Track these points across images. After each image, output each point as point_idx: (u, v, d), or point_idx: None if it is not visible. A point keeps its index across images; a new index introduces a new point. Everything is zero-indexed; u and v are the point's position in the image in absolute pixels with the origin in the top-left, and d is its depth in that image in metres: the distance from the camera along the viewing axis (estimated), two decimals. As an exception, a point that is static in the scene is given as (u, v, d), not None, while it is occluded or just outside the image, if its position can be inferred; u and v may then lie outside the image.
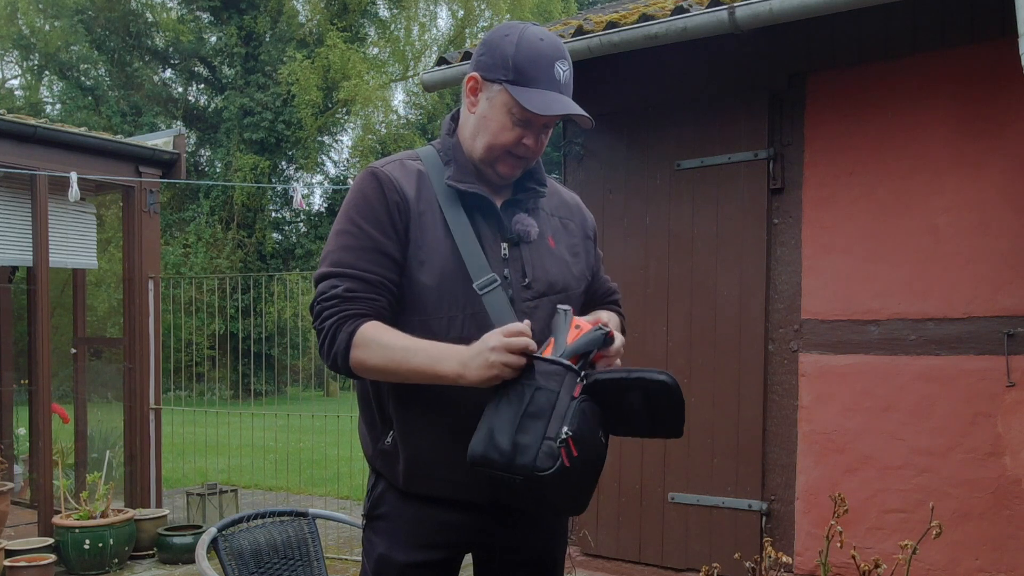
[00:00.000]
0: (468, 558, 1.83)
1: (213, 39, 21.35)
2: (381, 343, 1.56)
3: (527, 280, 1.68)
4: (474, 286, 1.60)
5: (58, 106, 20.97)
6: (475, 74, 1.67)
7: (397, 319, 1.64)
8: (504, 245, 1.68)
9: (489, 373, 1.49)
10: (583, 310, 1.84)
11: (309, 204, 20.87)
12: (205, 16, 21.23)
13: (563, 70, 1.64)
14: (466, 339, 1.58)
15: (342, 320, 1.59)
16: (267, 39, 20.43)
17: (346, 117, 21.76)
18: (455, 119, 1.76)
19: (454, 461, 1.63)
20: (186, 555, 5.09)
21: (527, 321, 1.55)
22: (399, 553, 1.70)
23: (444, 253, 1.63)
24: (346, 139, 23.10)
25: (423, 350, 1.55)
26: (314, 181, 22.41)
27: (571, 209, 1.86)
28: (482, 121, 1.66)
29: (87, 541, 4.85)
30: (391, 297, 1.63)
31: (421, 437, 1.66)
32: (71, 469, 6.08)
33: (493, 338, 1.50)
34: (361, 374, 1.61)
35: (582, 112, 1.63)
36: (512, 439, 1.47)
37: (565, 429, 1.47)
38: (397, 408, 1.66)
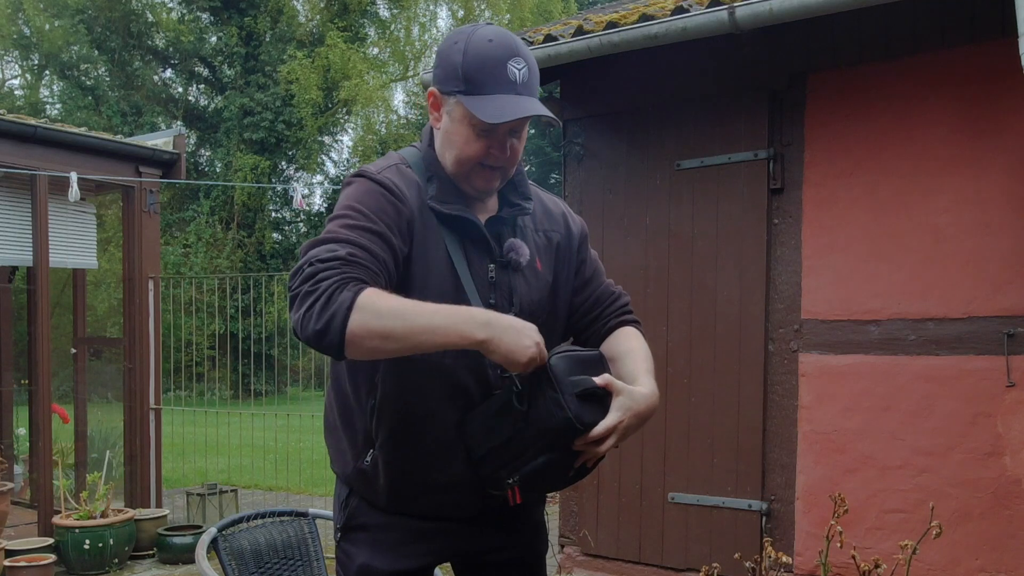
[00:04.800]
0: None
1: (213, 39, 21.34)
2: (391, 305, 1.38)
3: (513, 310, 1.61)
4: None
5: (58, 106, 20.97)
6: (433, 88, 1.59)
7: None
8: (492, 267, 1.61)
9: (524, 350, 1.42)
10: (592, 322, 1.79)
11: (309, 204, 20.85)
12: (205, 16, 21.21)
13: (518, 69, 1.52)
14: (459, 364, 1.55)
15: (344, 281, 1.39)
16: (267, 39, 20.41)
17: (346, 117, 21.76)
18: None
19: (438, 483, 1.61)
20: (186, 555, 5.08)
21: None
22: (381, 562, 1.66)
23: (442, 273, 1.56)
24: (346, 139, 23.12)
25: (441, 310, 1.40)
26: (314, 181, 22.41)
27: (555, 219, 1.76)
28: (447, 136, 1.58)
29: (87, 541, 4.85)
30: (392, 284, 1.49)
31: (405, 461, 1.60)
32: (71, 469, 6.08)
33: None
34: (357, 341, 1.37)
35: (543, 112, 1.52)
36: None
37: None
38: (382, 431, 1.59)
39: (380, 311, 1.37)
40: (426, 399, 1.56)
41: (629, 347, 1.73)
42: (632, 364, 1.67)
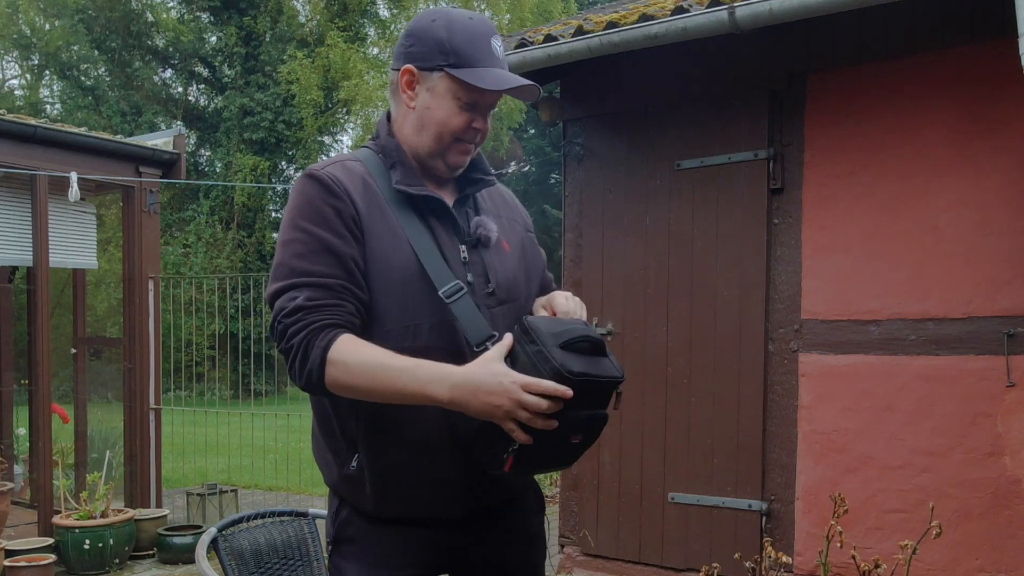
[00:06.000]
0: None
1: (213, 39, 21.34)
2: (360, 360, 1.44)
3: (491, 287, 1.60)
4: (440, 293, 1.50)
5: (58, 106, 20.97)
6: (409, 67, 1.58)
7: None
8: (463, 247, 1.60)
9: (495, 411, 1.39)
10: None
11: (309, 204, 20.79)
12: (205, 16, 21.21)
13: (498, 45, 1.59)
14: (432, 348, 1.50)
15: (312, 334, 1.45)
16: (267, 39, 20.41)
17: (346, 117, 21.75)
18: (391, 118, 1.67)
19: (424, 478, 1.58)
20: (186, 555, 5.08)
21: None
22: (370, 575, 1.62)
23: (403, 260, 1.53)
24: (346, 139, 23.09)
25: (408, 370, 1.43)
26: (314, 181, 22.36)
27: (511, 207, 1.80)
28: (426, 113, 1.58)
29: (87, 541, 4.85)
30: (357, 302, 1.50)
31: (389, 457, 1.57)
32: (71, 469, 6.07)
33: (515, 386, 1.37)
34: (338, 393, 1.48)
35: (529, 82, 1.58)
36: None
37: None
38: (362, 429, 1.56)
39: (350, 368, 1.43)
40: None
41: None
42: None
